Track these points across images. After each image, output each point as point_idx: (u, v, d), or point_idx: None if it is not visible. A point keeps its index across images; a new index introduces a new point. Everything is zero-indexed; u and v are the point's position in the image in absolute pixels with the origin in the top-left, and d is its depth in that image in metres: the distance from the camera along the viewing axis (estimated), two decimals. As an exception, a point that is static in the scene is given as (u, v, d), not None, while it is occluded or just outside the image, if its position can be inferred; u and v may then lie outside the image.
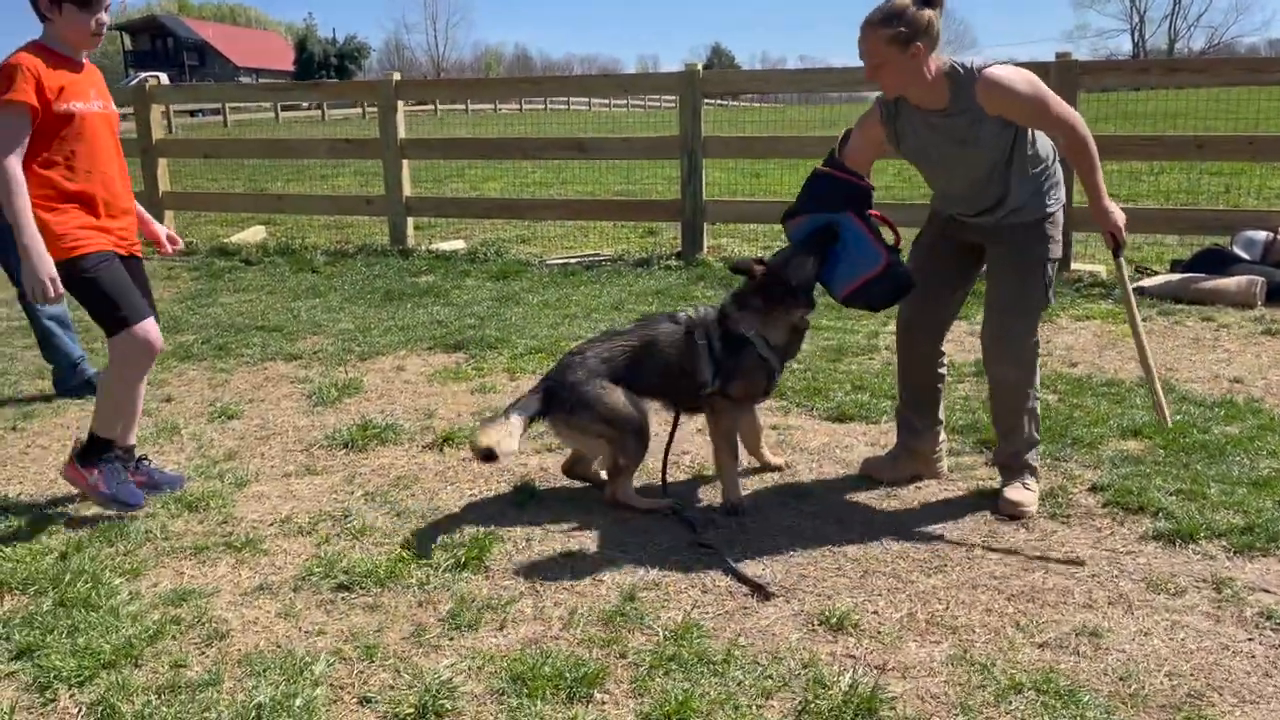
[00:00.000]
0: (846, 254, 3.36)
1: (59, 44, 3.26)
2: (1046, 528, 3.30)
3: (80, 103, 3.24)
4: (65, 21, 3.23)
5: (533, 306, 6.48)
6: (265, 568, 3.06)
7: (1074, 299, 6.35)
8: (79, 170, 3.25)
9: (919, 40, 3.06)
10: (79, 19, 3.23)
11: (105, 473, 3.38)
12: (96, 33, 3.28)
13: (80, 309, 3.49)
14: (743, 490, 3.52)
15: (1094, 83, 7.32)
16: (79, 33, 3.25)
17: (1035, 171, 3.27)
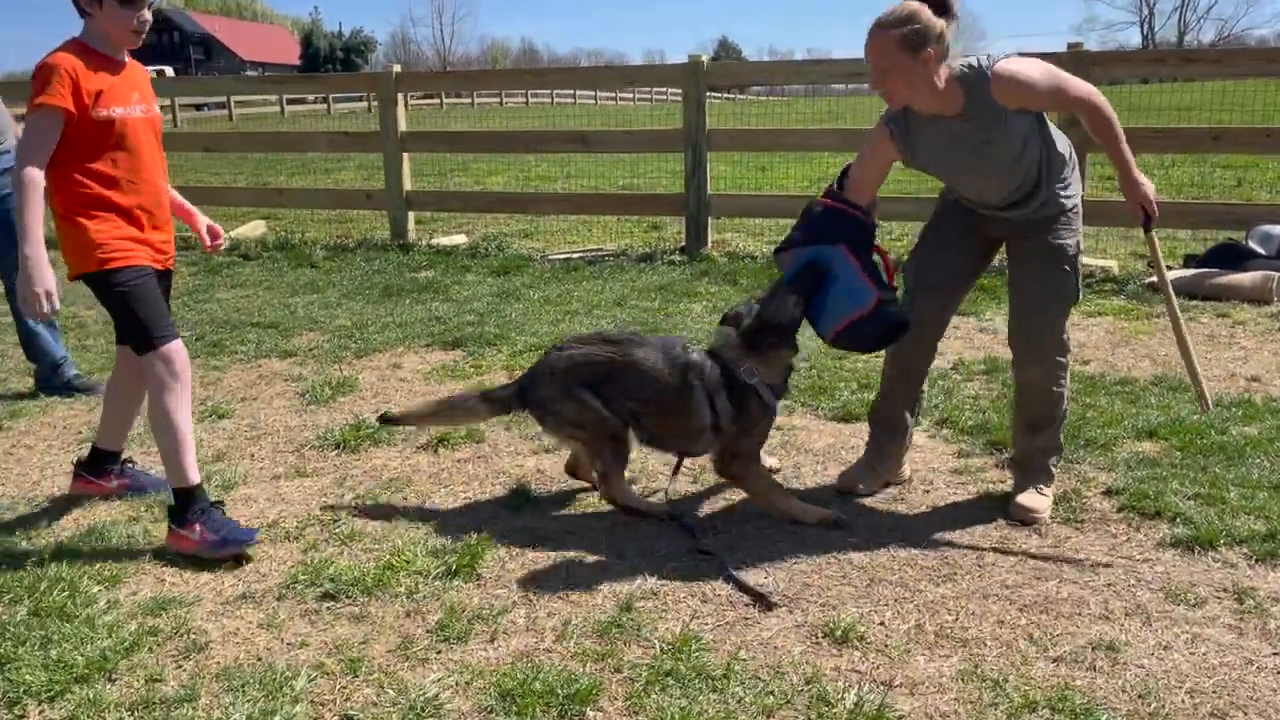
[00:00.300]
0: (835, 291, 3.15)
1: (99, 42, 3.04)
2: (1060, 533, 3.18)
3: (121, 108, 3.02)
4: (106, 17, 3.01)
5: (533, 303, 6.37)
6: (249, 575, 2.95)
7: (1085, 294, 6.19)
8: (121, 179, 3.04)
9: (931, 46, 2.94)
10: (121, 15, 3.01)
11: (205, 523, 3.04)
12: (139, 30, 3.05)
13: (93, 311, 3.36)
14: (739, 497, 3.41)
15: (1105, 74, 7.16)
16: (120, 30, 3.03)
17: (1060, 161, 3.15)
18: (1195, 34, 75.85)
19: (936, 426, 4.10)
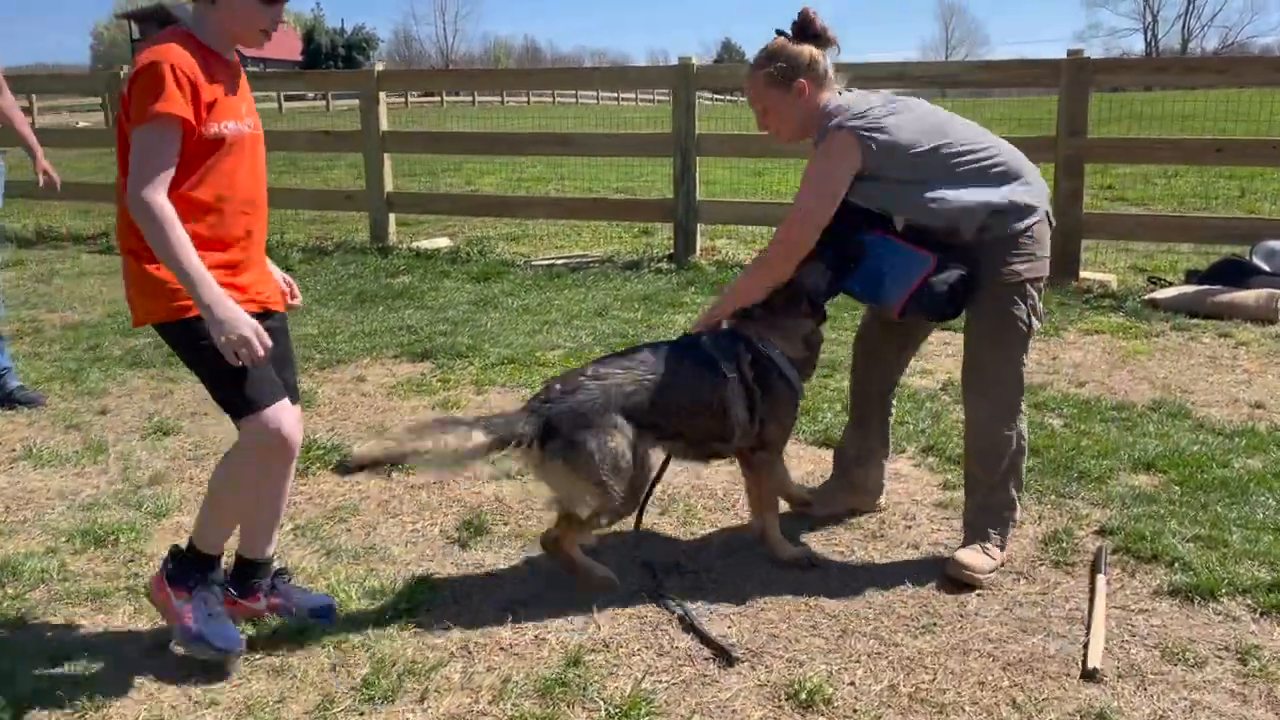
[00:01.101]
0: (888, 263, 2.92)
1: (214, 37, 2.39)
2: (1049, 578, 2.95)
3: (233, 122, 2.40)
4: (235, 10, 2.37)
5: (511, 311, 6.14)
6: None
7: (1082, 311, 5.98)
8: (225, 211, 2.42)
9: (802, 77, 2.86)
10: (255, 10, 2.38)
11: (197, 601, 2.50)
12: (270, 29, 2.43)
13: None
14: (710, 530, 3.18)
15: (1108, 81, 6.97)
16: (249, 27, 2.41)
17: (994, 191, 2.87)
18: (1199, 41, 75.63)
19: (922, 454, 3.87)
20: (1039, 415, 4.24)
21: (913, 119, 2.88)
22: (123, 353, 5.28)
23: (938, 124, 2.91)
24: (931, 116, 2.94)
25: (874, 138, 2.78)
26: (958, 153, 2.86)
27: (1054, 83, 6.53)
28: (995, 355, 2.98)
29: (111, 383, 4.81)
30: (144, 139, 2.27)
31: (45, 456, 3.84)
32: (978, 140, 2.92)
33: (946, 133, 2.89)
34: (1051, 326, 5.64)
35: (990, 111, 20.06)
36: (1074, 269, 6.56)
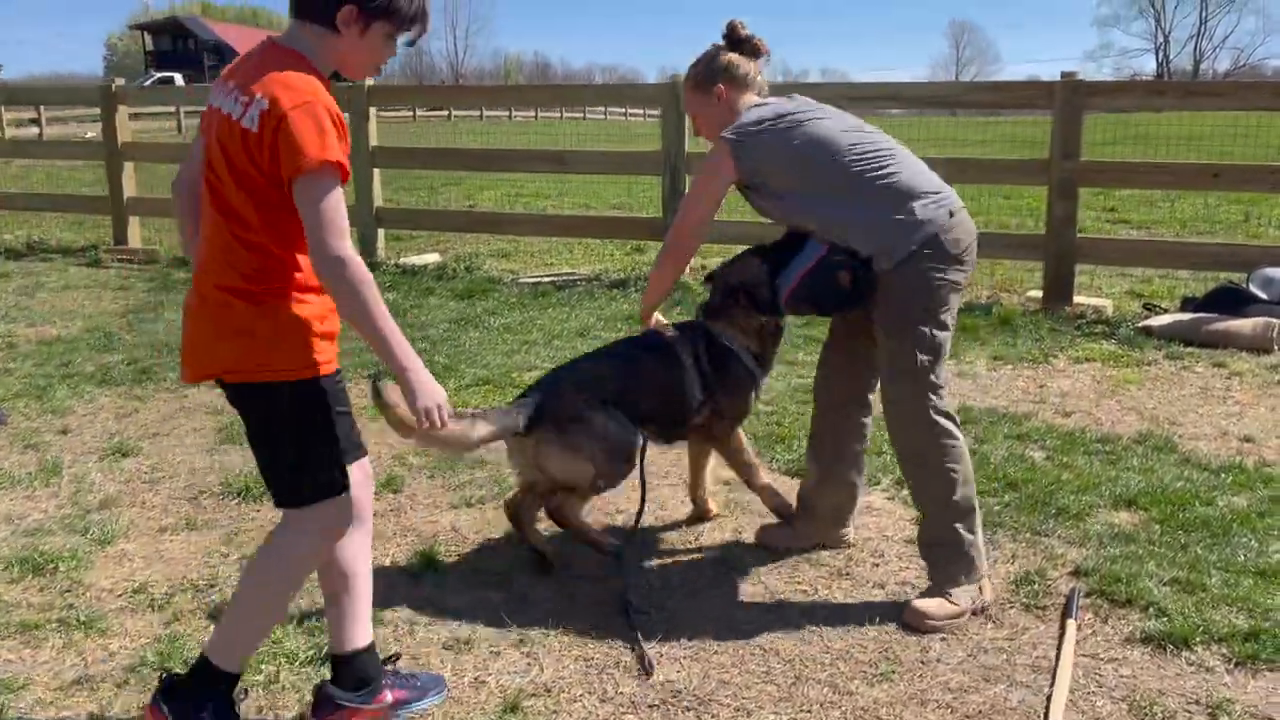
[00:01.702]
0: (797, 259, 2.97)
1: (326, 64, 2.12)
2: (1017, 622, 2.84)
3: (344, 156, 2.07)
4: (363, 43, 2.11)
5: (492, 330, 6.05)
6: (95, 653, 2.62)
7: (1073, 338, 5.86)
8: None
9: (720, 81, 2.96)
10: (382, 46, 2.14)
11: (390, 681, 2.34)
12: (383, 63, 2.23)
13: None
14: (676, 561, 3.08)
15: (1106, 104, 6.86)
16: (372, 60, 2.18)
17: (865, 219, 2.81)
18: (1211, 63, 75.60)
19: (896, 486, 3.76)
20: (1020, 446, 4.13)
21: (804, 131, 2.84)
22: (94, 369, 5.20)
23: (830, 137, 2.84)
24: (830, 128, 2.86)
25: (745, 147, 2.83)
26: (844, 167, 2.81)
27: (1049, 104, 6.44)
28: (903, 389, 2.88)
29: (78, 400, 4.73)
30: (319, 189, 1.99)
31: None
32: (873, 155, 2.83)
33: (837, 147, 2.83)
34: (1041, 353, 5.53)
35: (993, 131, 20.00)
36: (1068, 294, 6.45)
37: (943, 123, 21.89)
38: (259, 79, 2.02)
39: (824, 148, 2.82)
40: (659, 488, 3.72)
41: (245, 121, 2.00)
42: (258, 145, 2.00)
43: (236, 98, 2.03)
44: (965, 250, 2.85)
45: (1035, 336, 5.83)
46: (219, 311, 2.09)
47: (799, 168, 2.84)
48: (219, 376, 2.14)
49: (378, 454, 4.01)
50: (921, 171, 2.89)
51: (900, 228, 2.77)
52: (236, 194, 2.05)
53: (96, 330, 6.04)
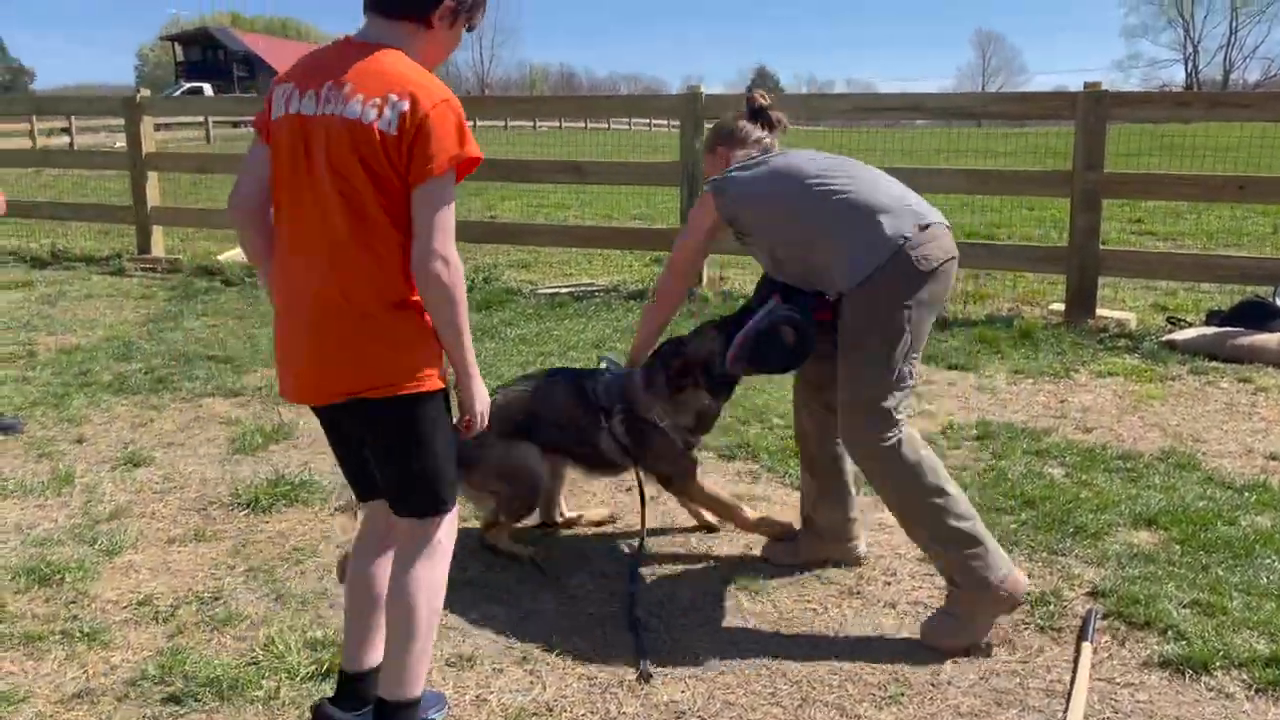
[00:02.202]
0: (748, 322, 2.98)
1: (419, 60, 2.09)
2: (1032, 644, 2.77)
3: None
4: (449, 36, 2.13)
5: (509, 341, 6.04)
6: (97, 666, 2.61)
7: (1096, 352, 5.77)
8: None
9: (721, 145, 3.14)
10: (457, 40, 2.17)
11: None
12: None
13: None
14: (683, 575, 3.04)
15: (1127, 115, 6.78)
16: (446, 54, 2.19)
17: (831, 240, 2.79)
18: (1241, 73, 74.79)
19: (911, 503, 3.70)
20: (1039, 463, 4.06)
21: (773, 163, 2.95)
22: (112, 378, 5.23)
23: (796, 165, 2.91)
24: (797, 158, 2.96)
25: (721, 187, 2.95)
26: (809, 190, 2.82)
27: (1072, 115, 6.36)
28: (856, 417, 2.84)
29: (94, 409, 4.75)
30: (447, 191, 1.99)
31: (9, 487, 3.76)
32: (838, 178, 2.83)
33: (803, 173, 2.87)
34: (1062, 367, 5.45)
35: (1019, 142, 19.85)
36: (1090, 307, 6.36)
37: (969, 134, 21.75)
38: (379, 80, 1.98)
39: (790, 174, 2.89)
40: (668, 500, 3.68)
41: (382, 125, 1.95)
42: (396, 148, 1.96)
43: (352, 101, 1.96)
44: (937, 268, 2.75)
45: (1057, 350, 5.75)
46: (360, 324, 2.02)
47: (766, 199, 2.90)
48: (362, 394, 2.04)
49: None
50: (891, 189, 2.84)
51: (864, 244, 2.71)
52: (375, 199, 1.99)
53: (116, 339, 6.07)
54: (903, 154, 12.37)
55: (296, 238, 2.06)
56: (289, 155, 2.03)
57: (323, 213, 2.01)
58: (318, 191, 2.01)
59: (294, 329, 2.09)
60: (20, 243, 9.67)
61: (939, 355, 5.64)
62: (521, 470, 3.15)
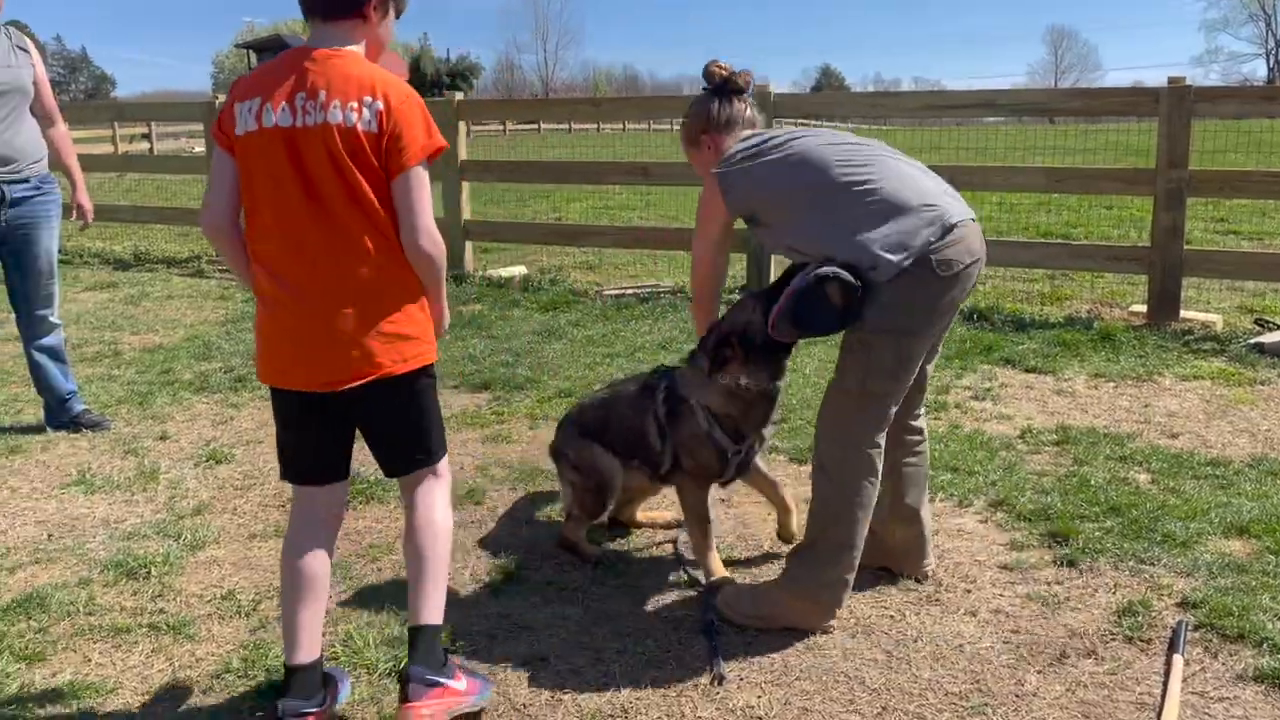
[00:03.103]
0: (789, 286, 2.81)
1: (371, 55, 2.30)
2: (1120, 655, 2.69)
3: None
4: (384, 28, 2.32)
5: (576, 342, 6.05)
6: (183, 659, 2.66)
7: (1180, 355, 5.59)
8: None
9: (706, 133, 2.95)
10: (390, 32, 2.36)
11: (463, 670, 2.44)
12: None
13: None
14: (758, 580, 3.00)
15: (1212, 111, 6.54)
16: (386, 43, 2.36)
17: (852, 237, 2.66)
18: (1326, 66, 72.00)
19: (989, 509, 3.62)
20: (1124, 469, 3.94)
21: (787, 152, 2.75)
22: (193, 376, 5.36)
23: (815, 155, 2.73)
24: (813, 145, 2.76)
25: (730, 180, 2.77)
26: (830, 184, 2.69)
27: (1153, 111, 6.18)
28: (836, 404, 2.80)
29: (177, 407, 4.87)
30: (424, 176, 2.22)
31: (97, 483, 3.88)
32: (861, 169, 2.69)
33: (823, 164, 2.71)
34: (1145, 371, 5.29)
35: (1096, 140, 19.36)
36: (1174, 308, 6.16)
37: (1041, 131, 21.27)
38: (352, 85, 2.15)
39: (808, 166, 2.72)
40: (742, 504, 3.65)
41: (363, 125, 2.14)
42: (377, 143, 2.15)
43: (331, 107, 2.13)
44: (963, 272, 2.66)
45: (1139, 353, 5.58)
46: (371, 311, 2.21)
47: (784, 192, 2.74)
48: (380, 375, 2.23)
49: (460, 465, 4.04)
50: (918, 184, 2.72)
51: (887, 245, 2.62)
52: (369, 194, 2.17)
53: (197, 339, 6.23)
54: (975, 152, 12.12)
55: (296, 240, 2.19)
56: (271, 166, 2.16)
57: (323, 213, 2.17)
58: (314, 194, 2.16)
59: (304, 323, 2.22)
60: (105, 245, 9.99)
61: (1016, 358, 5.52)
62: (591, 467, 3.21)
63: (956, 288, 2.69)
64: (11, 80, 4.19)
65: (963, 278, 2.68)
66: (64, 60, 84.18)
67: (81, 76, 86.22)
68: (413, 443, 2.37)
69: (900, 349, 2.69)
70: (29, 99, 4.28)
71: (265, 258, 2.23)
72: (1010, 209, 11.87)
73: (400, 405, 2.31)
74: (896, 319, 2.67)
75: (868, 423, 2.75)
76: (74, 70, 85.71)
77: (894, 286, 2.63)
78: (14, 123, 4.21)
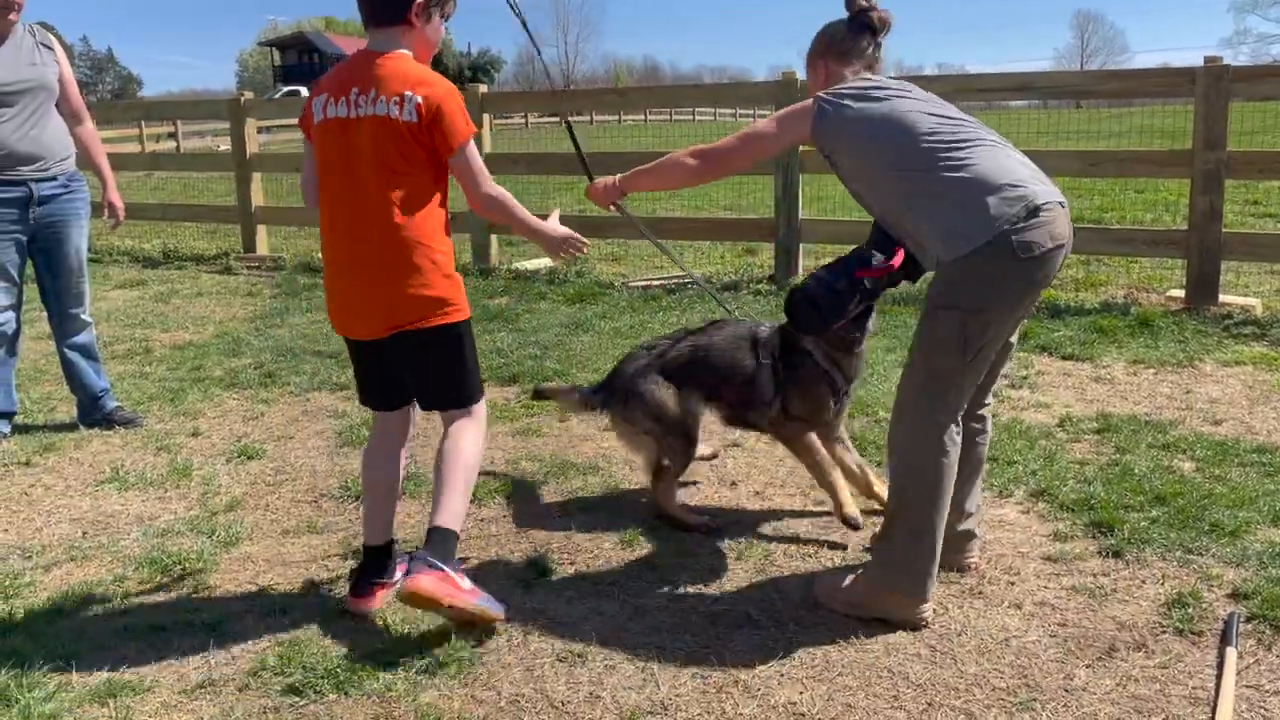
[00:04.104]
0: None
1: (419, 55, 2.70)
2: (1171, 648, 2.62)
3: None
4: (429, 30, 2.69)
5: (604, 334, 6.01)
6: (219, 657, 2.64)
7: (1220, 339, 5.48)
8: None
9: (823, 56, 2.92)
10: (439, 30, 2.74)
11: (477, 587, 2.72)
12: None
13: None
14: (788, 575, 2.96)
15: (1249, 91, 6.42)
16: (434, 47, 2.75)
17: (930, 206, 2.64)
18: (1359, 44, 70.63)
19: (1031, 499, 3.55)
20: (1168, 457, 3.85)
21: (887, 106, 2.71)
22: (223, 373, 5.37)
23: (912, 117, 2.68)
24: (914, 108, 2.71)
25: (828, 113, 2.72)
26: (918, 149, 2.64)
27: (1189, 92, 6.05)
28: (908, 390, 2.77)
29: (208, 404, 4.88)
30: (473, 151, 2.65)
31: (131, 480, 3.88)
32: (952, 141, 2.64)
33: (916, 128, 2.66)
34: (1186, 356, 5.18)
35: (1126, 122, 19.10)
36: (1212, 292, 6.04)
37: (1068, 115, 21.00)
38: (394, 82, 2.56)
39: (901, 126, 2.68)
40: (774, 494, 3.60)
41: (405, 117, 2.55)
42: (417, 132, 2.56)
43: (379, 102, 2.55)
44: (1044, 255, 2.59)
45: (1178, 338, 5.47)
46: (401, 273, 2.61)
47: (873, 143, 2.70)
48: (406, 327, 2.67)
49: (490, 459, 4.01)
50: (1007, 163, 2.66)
51: (966, 222, 2.57)
52: (402, 177, 2.60)
53: (226, 335, 6.25)
54: (1002, 136, 11.93)
55: (348, 212, 2.64)
56: (334, 150, 2.64)
57: (356, 194, 2.61)
58: (352, 177, 2.61)
59: (355, 282, 2.69)
60: (134, 243, 10.04)
61: (1052, 345, 5.42)
62: (670, 410, 3.30)
63: (1037, 271, 2.62)
64: (37, 78, 4.19)
65: (1043, 261, 2.61)
66: (90, 61, 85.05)
67: (108, 77, 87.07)
68: (443, 387, 2.78)
69: (966, 328, 2.62)
70: (54, 97, 4.28)
71: (322, 229, 2.75)
72: (1040, 194, 11.71)
73: (430, 355, 2.72)
74: (961, 295, 2.62)
75: (935, 402, 2.69)
76: (100, 71, 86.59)
77: (965, 263, 2.59)
78: (40, 120, 4.21)
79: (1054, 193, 2.66)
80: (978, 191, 2.58)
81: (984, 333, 2.64)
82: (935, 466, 2.69)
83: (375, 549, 2.88)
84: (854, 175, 2.81)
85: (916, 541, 2.71)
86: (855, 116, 2.72)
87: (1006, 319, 2.68)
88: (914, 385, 2.74)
